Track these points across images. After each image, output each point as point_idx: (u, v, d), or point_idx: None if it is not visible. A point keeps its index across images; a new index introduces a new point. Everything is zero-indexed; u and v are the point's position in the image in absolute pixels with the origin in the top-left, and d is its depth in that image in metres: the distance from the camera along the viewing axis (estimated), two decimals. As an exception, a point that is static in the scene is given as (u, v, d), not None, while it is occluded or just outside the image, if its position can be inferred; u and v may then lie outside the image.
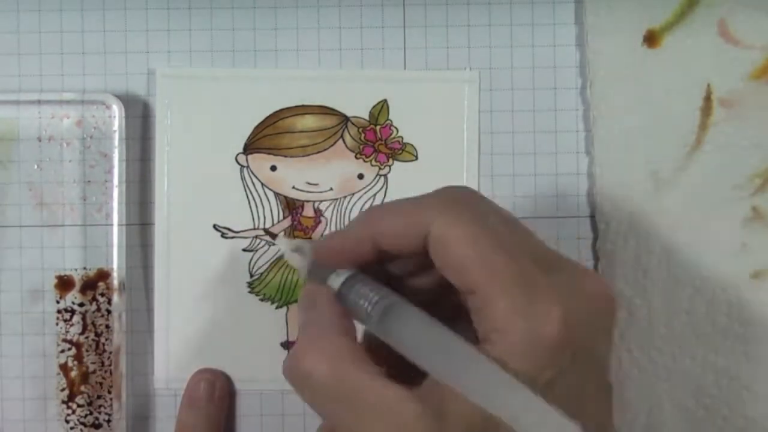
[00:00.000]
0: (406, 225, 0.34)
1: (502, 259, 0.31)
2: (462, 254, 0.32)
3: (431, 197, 0.34)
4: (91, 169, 0.47)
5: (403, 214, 0.34)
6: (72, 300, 0.47)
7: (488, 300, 0.31)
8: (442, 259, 0.33)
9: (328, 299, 0.35)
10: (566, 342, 0.31)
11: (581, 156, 0.48)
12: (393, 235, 0.34)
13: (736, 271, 0.47)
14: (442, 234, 0.32)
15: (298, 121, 0.47)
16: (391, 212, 0.35)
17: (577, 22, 0.48)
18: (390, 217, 0.35)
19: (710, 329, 0.47)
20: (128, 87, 0.48)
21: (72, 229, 0.48)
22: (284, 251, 0.39)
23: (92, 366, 0.47)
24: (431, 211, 0.33)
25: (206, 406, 0.46)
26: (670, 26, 0.47)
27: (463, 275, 0.32)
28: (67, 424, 0.47)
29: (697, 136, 0.47)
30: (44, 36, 0.48)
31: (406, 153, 0.48)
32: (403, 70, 0.48)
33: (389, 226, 0.34)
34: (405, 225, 0.34)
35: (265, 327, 0.48)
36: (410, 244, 0.34)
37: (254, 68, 0.48)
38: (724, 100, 0.47)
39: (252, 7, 0.48)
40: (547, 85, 0.48)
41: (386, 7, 0.48)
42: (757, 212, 0.47)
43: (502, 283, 0.31)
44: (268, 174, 0.48)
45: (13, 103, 0.47)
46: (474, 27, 0.48)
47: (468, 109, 0.48)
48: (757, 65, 0.47)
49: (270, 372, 0.48)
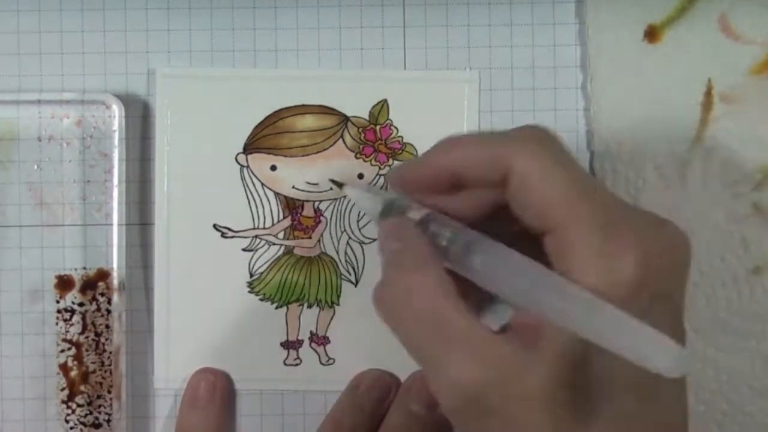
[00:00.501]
0: (488, 157, 0.34)
1: (585, 201, 0.32)
2: (545, 192, 0.32)
3: (514, 131, 0.34)
4: (90, 169, 0.47)
5: (486, 145, 0.34)
6: (72, 300, 0.47)
7: (568, 241, 0.31)
8: (524, 195, 0.33)
9: (416, 231, 0.35)
10: (644, 284, 0.31)
11: (581, 155, 0.48)
12: (474, 165, 0.34)
13: (736, 266, 0.47)
14: (526, 169, 0.32)
15: (298, 121, 0.48)
16: (473, 142, 0.35)
17: (577, 22, 0.48)
18: (472, 147, 0.34)
19: (710, 324, 0.47)
20: (128, 87, 0.48)
21: (72, 229, 0.48)
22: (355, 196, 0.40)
23: (92, 366, 0.47)
24: (515, 145, 0.33)
25: (207, 406, 0.46)
26: (671, 21, 0.47)
27: (544, 214, 0.32)
28: (66, 424, 0.47)
29: (698, 132, 0.47)
30: (44, 36, 0.48)
31: (406, 153, 0.48)
32: (403, 70, 0.48)
33: (471, 156, 0.34)
34: (487, 157, 0.34)
35: (265, 327, 0.48)
36: (490, 177, 0.33)
37: (254, 68, 0.48)
38: (724, 95, 0.47)
39: (252, 7, 0.48)
40: (547, 85, 0.48)
41: (386, 7, 0.48)
42: (758, 207, 0.47)
43: (583, 224, 0.31)
44: (268, 174, 0.48)
45: (13, 103, 0.47)
46: (474, 27, 0.48)
47: (468, 109, 0.48)
48: (758, 60, 0.47)
49: (270, 372, 0.48)
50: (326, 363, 0.48)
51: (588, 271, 0.31)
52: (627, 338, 0.28)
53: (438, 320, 0.32)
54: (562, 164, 0.33)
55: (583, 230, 0.31)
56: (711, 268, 0.47)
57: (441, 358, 0.32)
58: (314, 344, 0.48)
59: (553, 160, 0.33)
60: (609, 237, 0.31)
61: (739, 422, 0.47)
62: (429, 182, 0.36)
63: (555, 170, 0.32)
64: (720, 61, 0.47)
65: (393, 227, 0.37)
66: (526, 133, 0.34)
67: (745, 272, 0.47)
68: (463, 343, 0.31)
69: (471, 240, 0.34)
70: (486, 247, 0.33)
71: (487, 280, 0.33)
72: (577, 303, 0.30)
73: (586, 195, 0.32)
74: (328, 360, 0.48)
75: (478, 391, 0.31)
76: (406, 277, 0.33)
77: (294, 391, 0.48)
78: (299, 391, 0.48)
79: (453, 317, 0.32)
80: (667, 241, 0.33)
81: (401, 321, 0.33)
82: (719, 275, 0.47)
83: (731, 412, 0.47)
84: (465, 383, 0.31)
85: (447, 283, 0.33)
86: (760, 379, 0.47)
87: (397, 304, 0.33)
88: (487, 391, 0.31)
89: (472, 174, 0.34)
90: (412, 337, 0.33)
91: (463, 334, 0.32)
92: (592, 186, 0.33)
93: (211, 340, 0.47)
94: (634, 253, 0.31)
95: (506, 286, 0.32)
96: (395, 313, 0.34)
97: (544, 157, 0.33)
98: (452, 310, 0.32)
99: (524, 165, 0.33)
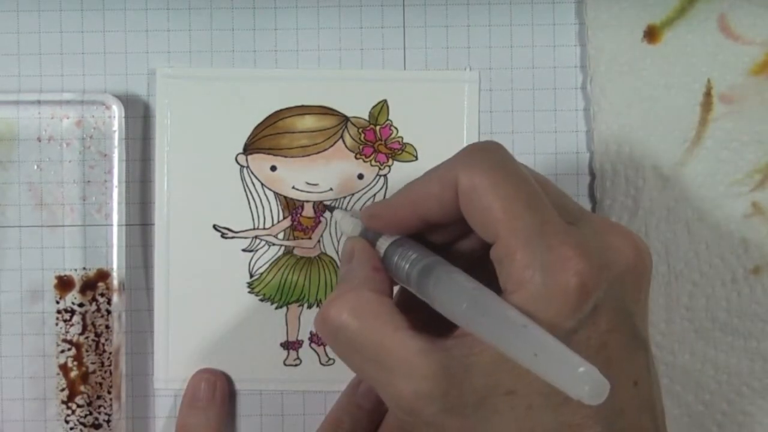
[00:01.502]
0: (438, 183, 0.34)
1: (527, 213, 0.32)
2: (486, 204, 0.32)
3: (461, 151, 0.35)
4: (90, 170, 0.47)
5: (435, 173, 0.35)
6: (72, 300, 0.47)
7: (510, 251, 0.32)
8: (468, 208, 0.33)
9: (365, 253, 0.36)
10: (585, 293, 0.31)
11: (581, 155, 0.48)
12: (428, 196, 0.35)
13: (735, 266, 0.47)
14: (468, 183, 0.33)
15: (298, 122, 0.48)
16: (425, 175, 0.35)
17: (577, 22, 0.48)
18: (424, 179, 0.35)
19: (710, 325, 0.47)
20: (128, 87, 0.48)
21: (72, 230, 0.48)
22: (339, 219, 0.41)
23: (92, 366, 0.47)
24: (459, 164, 0.34)
25: (207, 407, 0.46)
26: (671, 22, 0.47)
27: (485, 225, 0.33)
28: (66, 425, 0.47)
29: (697, 132, 0.47)
30: (44, 36, 0.48)
31: (406, 153, 0.48)
32: (402, 70, 0.48)
33: (424, 188, 0.35)
34: (437, 184, 0.34)
35: (265, 327, 0.48)
36: (446, 203, 0.34)
37: (254, 68, 0.48)
38: (724, 95, 0.47)
39: (252, 7, 0.48)
40: (547, 85, 0.48)
41: (386, 7, 0.48)
42: (757, 208, 0.47)
43: (523, 235, 0.31)
44: (267, 174, 0.48)
45: (12, 103, 0.47)
46: (474, 27, 0.48)
47: (468, 109, 0.48)
48: (758, 61, 0.47)
49: (270, 372, 0.48)
50: (326, 363, 0.48)
51: (527, 282, 0.31)
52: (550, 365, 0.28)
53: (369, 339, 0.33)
54: (505, 177, 0.33)
55: (523, 241, 0.31)
56: (711, 268, 0.47)
57: (375, 376, 0.33)
58: (314, 344, 0.48)
59: (494, 171, 0.33)
60: (549, 248, 0.31)
61: (739, 422, 0.47)
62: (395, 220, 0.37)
63: (496, 183, 0.33)
64: (719, 61, 0.47)
65: (349, 247, 0.37)
66: (470, 150, 0.35)
67: (745, 272, 0.47)
68: (393, 360, 0.32)
69: (427, 264, 0.34)
70: (438, 271, 0.34)
71: (437, 303, 0.33)
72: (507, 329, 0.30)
73: (527, 207, 0.32)
74: (328, 360, 0.48)
75: (415, 405, 0.32)
76: (340, 299, 0.34)
77: (294, 391, 0.48)
78: (299, 391, 0.48)
79: (383, 335, 0.32)
80: (613, 247, 0.33)
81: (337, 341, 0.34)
82: (719, 275, 0.47)
83: (731, 412, 0.47)
84: (402, 398, 0.32)
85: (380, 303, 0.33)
86: (760, 379, 0.47)
87: (331, 325, 0.34)
88: (423, 405, 0.31)
89: (430, 205, 0.35)
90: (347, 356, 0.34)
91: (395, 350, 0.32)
92: (536, 198, 0.33)
93: (211, 341, 0.47)
94: (575, 262, 0.31)
95: (447, 308, 0.32)
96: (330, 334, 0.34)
97: (484, 170, 0.33)
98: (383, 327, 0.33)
99: (466, 181, 0.33)
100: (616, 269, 0.33)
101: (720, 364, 0.47)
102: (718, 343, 0.47)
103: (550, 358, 0.28)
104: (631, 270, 0.33)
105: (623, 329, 0.33)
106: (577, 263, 0.31)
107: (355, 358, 0.33)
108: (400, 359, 0.32)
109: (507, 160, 0.34)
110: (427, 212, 0.35)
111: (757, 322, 0.47)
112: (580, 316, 0.31)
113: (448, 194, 0.34)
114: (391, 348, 0.32)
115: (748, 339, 0.47)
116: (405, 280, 0.35)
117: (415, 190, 0.36)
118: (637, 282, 0.34)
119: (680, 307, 0.47)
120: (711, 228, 0.47)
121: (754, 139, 0.47)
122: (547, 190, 0.34)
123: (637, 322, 0.34)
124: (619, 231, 0.34)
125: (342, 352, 0.34)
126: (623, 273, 0.33)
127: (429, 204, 0.35)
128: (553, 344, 0.28)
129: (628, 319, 0.33)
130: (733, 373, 0.47)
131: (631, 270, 0.33)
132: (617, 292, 0.33)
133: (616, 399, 0.32)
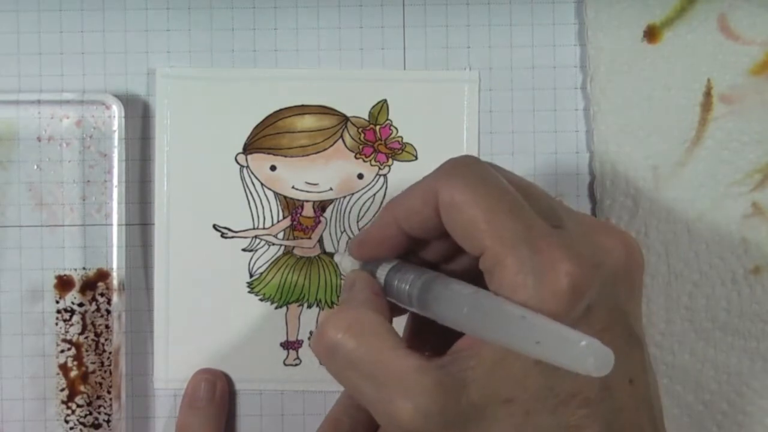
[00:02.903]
0: (419, 200, 0.34)
1: (509, 220, 0.32)
2: (467, 216, 0.32)
3: (440, 167, 0.35)
4: (90, 169, 0.47)
5: (416, 189, 0.35)
6: (72, 300, 0.47)
7: (495, 260, 0.32)
8: (451, 223, 0.33)
9: (364, 280, 0.36)
10: (578, 294, 0.31)
11: (581, 155, 0.48)
12: (410, 212, 0.35)
13: (735, 266, 0.47)
14: (448, 199, 0.33)
15: (298, 121, 0.48)
16: (406, 191, 0.35)
17: (577, 22, 0.48)
18: (405, 196, 0.35)
19: (710, 325, 0.47)
20: (128, 87, 0.48)
21: (71, 229, 0.48)
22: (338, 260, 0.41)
23: (92, 366, 0.47)
24: (438, 178, 0.34)
25: (207, 407, 0.46)
26: (671, 22, 0.47)
27: (470, 238, 0.33)
28: (66, 424, 0.47)
29: (697, 132, 0.47)
30: (44, 36, 0.48)
31: (406, 153, 0.48)
32: (402, 70, 0.48)
33: (405, 204, 0.35)
34: (418, 200, 0.34)
35: (265, 327, 0.48)
36: (428, 219, 0.34)
37: (254, 68, 0.48)
38: (724, 95, 0.47)
39: (252, 7, 0.48)
40: (547, 85, 0.48)
41: (386, 7, 0.48)
42: (757, 208, 0.47)
43: (506, 241, 0.31)
44: (267, 174, 0.48)
45: (12, 103, 0.47)
46: (474, 27, 0.48)
47: (468, 109, 0.48)
48: (757, 61, 0.47)
49: (270, 372, 0.48)
50: (326, 363, 0.48)
51: (519, 287, 0.31)
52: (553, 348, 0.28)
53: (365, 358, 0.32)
54: (485, 189, 0.33)
55: (510, 248, 0.31)
56: (711, 268, 0.47)
57: (371, 395, 0.32)
58: (314, 344, 0.48)
59: (473, 183, 0.33)
60: (536, 251, 0.31)
61: (739, 422, 0.47)
62: (382, 242, 0.37)
63: (476, 196, 0.33)
64: (719, 61, 0.47)
65: (350, 278, 0.37)
66: (448, 165, 0.35)
67: (745, 272, 0.47)
68: (390, 378, 0.32)
69: (426, 280, 0.34)
70: (436, 285, 0.34)
71: (439, 315, 0.33)
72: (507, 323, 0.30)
73: (510, 215, 0.32)
74: (328, 360, 0.48)
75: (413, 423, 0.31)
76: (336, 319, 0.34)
77: (294, 391, 0.48)
78: (299, 391, 0.48)
79: (380, 353, 0.32)
80: (602, 247, 0.33)
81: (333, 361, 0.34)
82: (719, 275, 0.47)
83: (731, 412, 0.47)
84: (400, 416, 0.31)
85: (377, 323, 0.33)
86: (760, 379, 0.47)
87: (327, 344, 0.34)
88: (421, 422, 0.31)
89: (413, 221, 0.35)
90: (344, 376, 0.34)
91: (392, 368, 0.32)
92: (517, 206, 0.33)
93: (211, 340, 0.47)
94: (565, 264, 0.31)
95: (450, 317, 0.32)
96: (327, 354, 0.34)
97: (463, 184, 0.33)
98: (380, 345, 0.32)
99: (447, 194, 0.33)
100: (608, 268, 0.33)
101: (720, 364, 0.47)
102: (718, 343, 0.47)
103: (552, 340, 0.28)
104: (622, 268, 0.33)
105: (617, 328, 0.33)
106: (567, 264, 0.31)
107: (352, 375, 0.33)
108: (397, 376, 0.31)
109: (485, 173, 0.34)
110: (411, 228, 0.35)
111: (757, 322, 0.47)
112: (574, 316, 0.31)
113: (428, 210, 0.34)
114: (389, 365, 0.32)
115: (748, 339, 0.47)
116: (408, 301, 0.35)
117: (397, 207, 0.36)
118: (629, 280, 0.34)
119: (680, 307, 0.47)
120: (711, 228, 0.47)
121: (754, 139, 0.47)
122: (531, 194, 0.34)
123: (632, 320, 0.34)
124: (608, 230, 0.34)
125: (338, 369, 0.34)
126: (615, 272, 0.33)
127: (412, 220, 0.35)
128: (552, 326, 0.29)
129: (622, 317, 0.33)
130: (733, 373, 0.47)
131: (622, 268, 0.33)
132: (610, 291, 0.33)
133: (613, 398, 0.32)
